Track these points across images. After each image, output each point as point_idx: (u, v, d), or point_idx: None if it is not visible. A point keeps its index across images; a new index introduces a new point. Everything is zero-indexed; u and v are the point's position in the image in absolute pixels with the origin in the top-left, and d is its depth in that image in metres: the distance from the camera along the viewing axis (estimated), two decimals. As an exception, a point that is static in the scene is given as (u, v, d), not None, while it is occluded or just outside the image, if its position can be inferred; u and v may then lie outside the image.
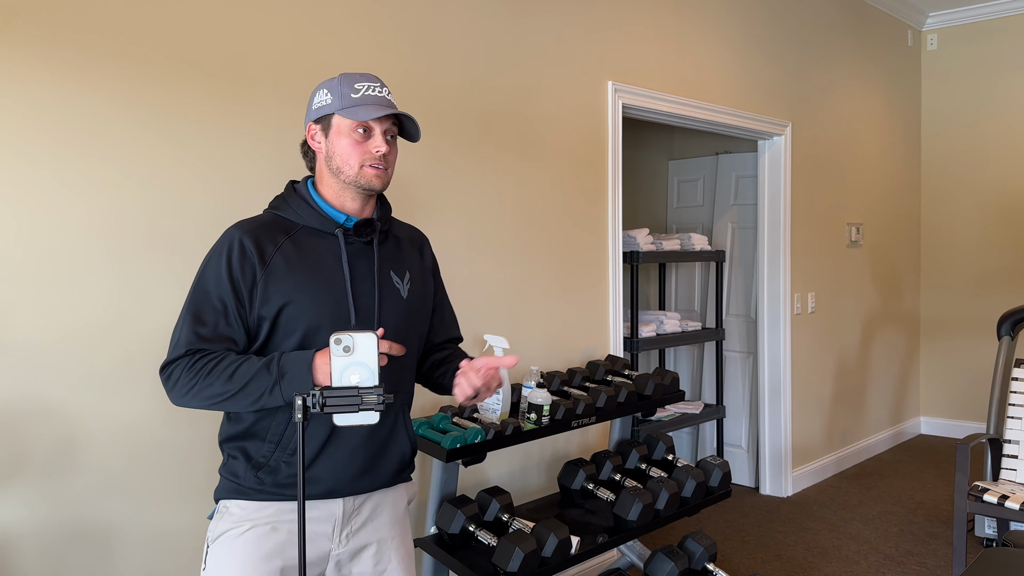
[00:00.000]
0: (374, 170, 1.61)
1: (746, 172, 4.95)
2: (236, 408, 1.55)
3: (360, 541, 1.69)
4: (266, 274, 1.57)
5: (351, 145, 1.60)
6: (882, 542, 3.96)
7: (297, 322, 1.58)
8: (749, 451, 4.90)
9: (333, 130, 1.62)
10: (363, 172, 1.61)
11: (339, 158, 1.61)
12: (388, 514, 1.74)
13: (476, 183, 2.98)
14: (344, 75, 1.65)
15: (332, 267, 1.62)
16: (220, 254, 1.58)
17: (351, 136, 1.60)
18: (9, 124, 1.92)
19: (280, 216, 1.66)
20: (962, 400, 6.07)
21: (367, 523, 1.70)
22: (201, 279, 1.59)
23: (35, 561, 1.96)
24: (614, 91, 3.52)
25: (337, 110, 1.60)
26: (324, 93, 1.63)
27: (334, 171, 1.63)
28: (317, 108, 1.64)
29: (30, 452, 1.96)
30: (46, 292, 1.98)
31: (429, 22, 2.81)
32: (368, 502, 1.70)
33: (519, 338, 3.15)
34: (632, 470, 3.07)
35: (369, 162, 1.60)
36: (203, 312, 1.56)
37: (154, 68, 2.15)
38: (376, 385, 1.35)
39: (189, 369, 1.53)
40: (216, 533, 1.63)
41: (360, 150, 1.60)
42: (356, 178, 1.61)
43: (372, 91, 1.62)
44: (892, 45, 5.79)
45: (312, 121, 1.66)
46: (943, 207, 6.12)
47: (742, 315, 4.96)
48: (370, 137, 1.61)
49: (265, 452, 1.61)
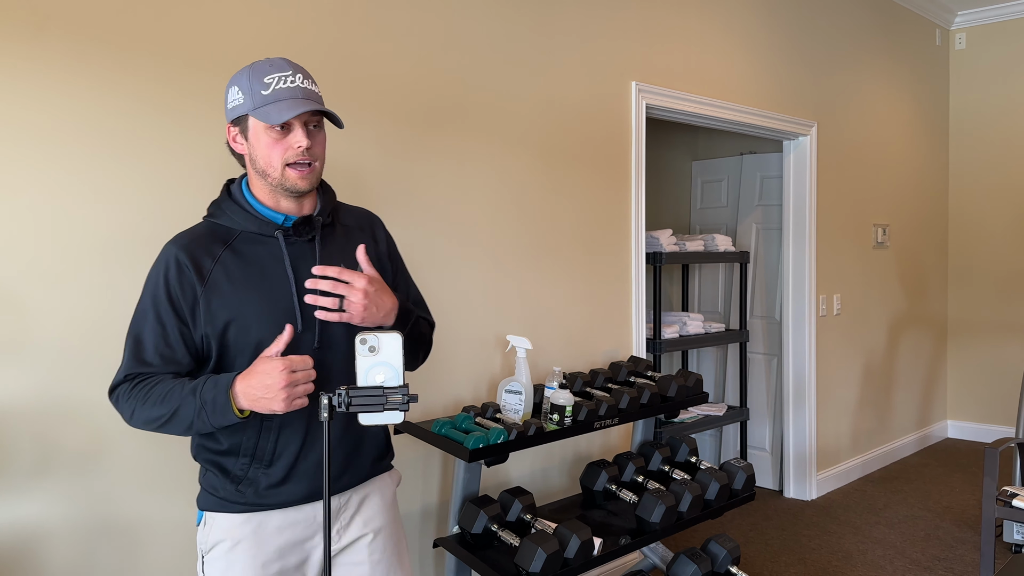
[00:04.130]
0: (298, 171, 1.51)
1: (771, 172, 4.91)
2: (176, 433, 1.50)
3: (352, 535, 1.68)
4: (206, 291, 1.51)
5: (270, 145, 1.50)
6: (908, 547, 3.92)
7: (246, 338, 1.52)
8: (773, 454, 4.86)
9: (251, 131, 1.52)
10: (286, 174, 1.51)
11: (262, 160, 1.52)
12: (376, 504, 1.72)
13: (499, 183, 2.98)
14: (253, 66, 1.52)
15: (276, 274, 1.55)
16: (158, 274, 1.52)
17: (268, 136, 1.50)
18: (38, 125, 1.95)
19: (217, 224, 1.58)
20: (990, 403, 5.98)
21: (356, 517, 1.68)
22: (141, 300, 1.54)
23: (65, 557, 1.99)
24: (638, 91, 3.51)
25: (250, 110, 1.50)
26: (236, 91, 1.52)
27: (260, 173, 1.54)
28: (232, 108, 1.54)
29: (59, 450, 1.99)
30: (72, 291, 2.00)
31: (452, 25, 2.81)
32: (354, 497, 1.68)
33: (541, 338, 3.15)
34: (655, 472, 3.06)
35: (292, 159, 1.50)
36: (143, 335, 1.52)
37: (176, 72, 2.17)
38: (401, 385, 1.36)
39: (129, 393, 1.50)
40: (208, 544, 1.61)
41: (280, 148, 1.50)
42: (281, 181, 1.52)
43: (284, 83, 1.49)
44: (920, 44, 5.72)
45: (230, 123, 1.56)
46: (971, 208, 6.04)
47: (766, 317, 4.92)
48: (289, 132, 1.50)
49: (242, 465, 1.58)
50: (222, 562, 1.58)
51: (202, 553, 1.63)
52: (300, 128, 1.51)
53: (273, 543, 1.59)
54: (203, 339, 1.53)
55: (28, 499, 1.94)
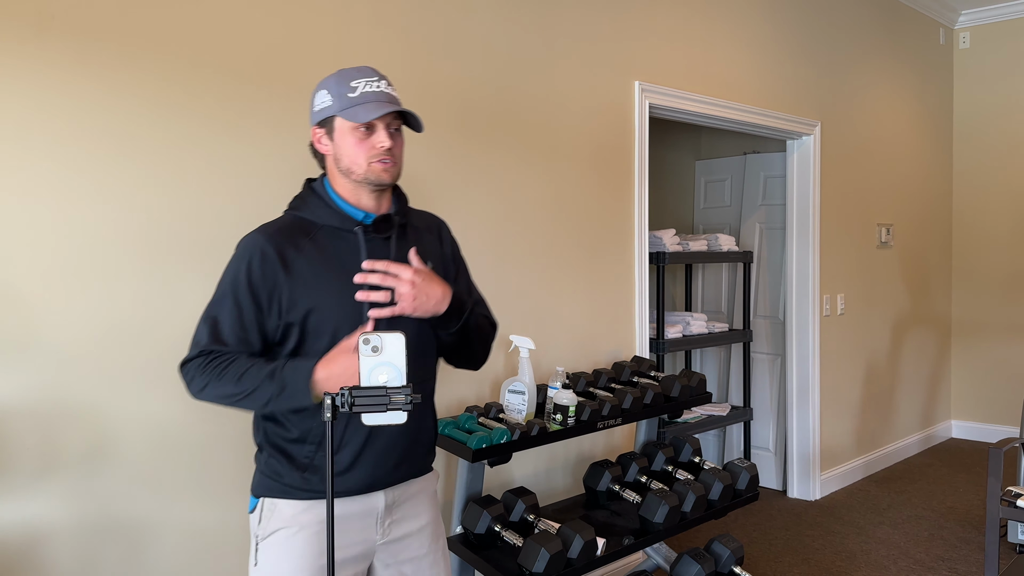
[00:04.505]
0: (382, 165, 1.62)
1: (774, 172, 4.90)
2: (249, 409, 1.58)
3: (402, 530, 1.73)
4: (290, 280, 1.59)
5: (355, 144, 1.61)
6: (912, 547, 3.91)
7: (324, 326, 1.60)
8: (776, 454, 4.86)
9: (337, 132, 1.63)
10: (371, 168, 1.62)
11: (347, 159, 1.62)
12: (424, 502, 1.78)
13: (502, 183, 2.98)
14: (340, 72, 1.64)
15: (354, 267, 1.63)
16: (242, 260, 1.61)
17: (354, 135, 1.61)
18: (43, 127, 1.95)
19: (300, 217, 1.68)
20: (994, 403, 5.97)
21: (407, 512, 1.73)
22: (222, 283, 1.62)
23: (69, 557, 1.99)
24: (641, 91, 3.50)
25: (337, 112, 1.61)
26: (324, 95, 1.63)
27: (344, 172, 1.64)
28: (319, 111, 1.65)
29: (63, 450, 1.99)
30: (79, 293, 2.01)
31: (456, 24, 2.81)
32: (406, 491, 1.74)
33: (545, 339, 3.15)
34: (658, 472, 3.06)
35: (376, 158, 1.61)
36: (221, 315, 1.60)
37: (183, 72, 2.17)
38: (404, 385, 1.35)
39: (202, 368, 1.57)
40: (267, 531, 1.65)
41: (365, 147, 1.61)
42: (366, 175, 1.62)
43: (370, 87, 1.61)
44: (923, 44, 5.71)
45: (315, 125, 1.66)
46: (975, 208, 6.02)
47: (770, 316, 4.92)
48: (373, 133, 1.61)
49: (307, 453, 1.64)
50: (282, 548, 1.63)
51: (257, 538, 1.67)
52: (383, 129, 1.61)
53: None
54: (278, 326, 1.62)
55: (33, 499, 1.94)
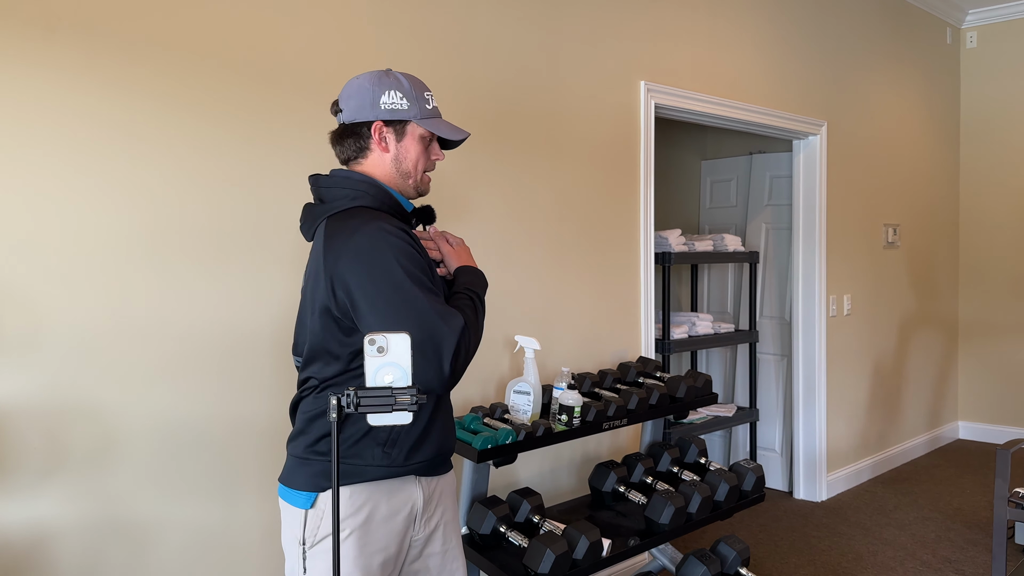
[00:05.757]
0: (428, 177, 1.77)
1: (780, 172, 4.89)
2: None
3: (432, 524, 1.76)
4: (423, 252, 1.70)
5: (420, 152, 1.72)
6: (919, 548, 3.89)
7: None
8: (783, 455, 4.84)
9: (408, 136, 1.70)
10: (424, 179, 1.75)
11: (410, 163, 1.71)
12: (449, 496, 1.82)
13: (507, 184, 2.98)
14: (410, 79, 1.70)
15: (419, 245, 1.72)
16: (403, 241, 1.58)
17: (420, 144, 1.71)
18: (50, 127, 1.95)
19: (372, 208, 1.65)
20: (1001, 404, 5.94)
21: (437, 507, 1.77)
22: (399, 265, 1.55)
23: (75, 556, 2.00)
24: (646, 91, 3.50)
25: (415, 118, 1.68)
26: (397, 96, 1.67)
27: (403, 173, 1.72)
28: (390, 109, 1.66)
29: (70, 448, 1.99)
30: (89, 290, 2.01)
31: (462, 23, 2.81)
32: (438, 486, 1.77)
33: (550, 339, 3.15)
34: (664, 473, 3.05)
35: (430, 169, 1.76)
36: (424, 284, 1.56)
37: (189, 71, 2.18)
38: (409, 385, 1.35)
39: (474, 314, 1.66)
40: (319, 535, 1.62)
41: (425, 156, 1.74)
42: (419, 183, 1.75)
43: (433, 102, 1.74)
44: (930, 43, 5.69)
45: (383, 121, 1.66)
46: (982, 208, 6.00)
47: (776, 317, 4.90)
48: (431, 144, 1.74)
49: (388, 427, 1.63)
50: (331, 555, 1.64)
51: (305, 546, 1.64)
52: (438, 144, 1.77)
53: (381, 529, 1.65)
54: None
55: (39, 498, 1.95)
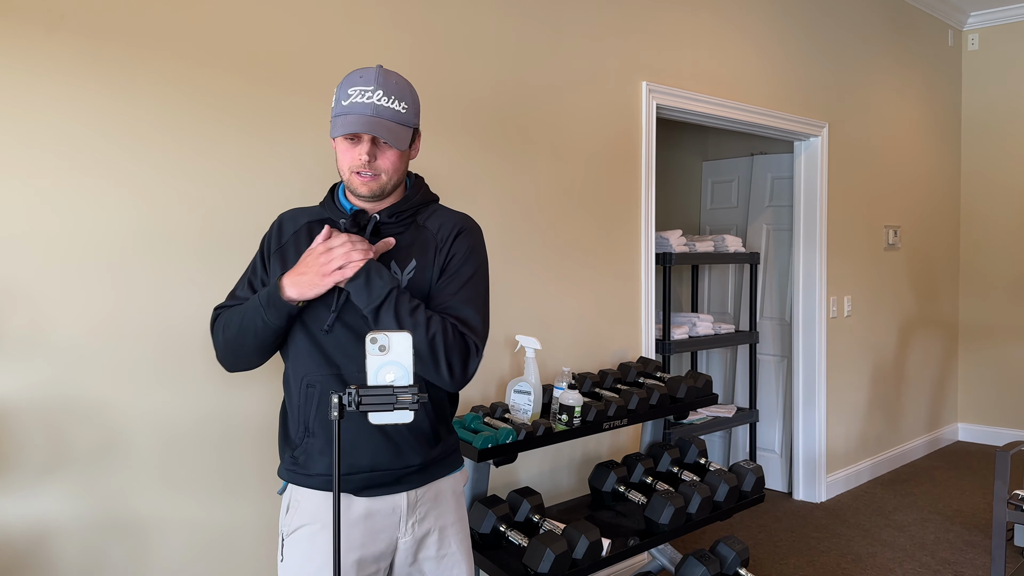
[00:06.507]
0: (359, 178, 1.62)
1: (781, 173, 4.89)
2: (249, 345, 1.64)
3: (424, 528, 1.73)
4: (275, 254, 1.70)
5: (343, 151, 1.63)
6: (918, 550, 3.90)
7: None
8: (782, 455, 4.85)
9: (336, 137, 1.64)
10: (351, 179, 1.63)
11: (339, 164, 1.65)
12: (448, 500, 1.78)
13: (508, 183, 2.98)
14: (349, 75, 1.63)
15: None
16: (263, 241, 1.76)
17: (343, 143, 1.62)
18: (52, 125, 1.96)
19: (317, 208, 1.76)
20: (1001, 406, 5.95)
21: (430, 511, 1.74)
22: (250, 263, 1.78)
23: (75, 554, 2.00)
24: (648, 91, 3.50)
25: (332, 117, 1.64)
26: (335, 98, 1.65)
27: (341, 175, 1.67)
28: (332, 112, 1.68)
29: (71, 446, 1.99)
30: (87, 290, 2.01)
31: (465, 23, 2.81)
32: (430, 491, 1.74)
33: (550, 339, 3.15)
34: (664, 473, 3.06)
35: (356, 168, 1.61)
36: (242, 277, 1.76)
37: (192, 71, 2.18)
38: (411, 384, 1.35)
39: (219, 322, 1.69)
40: (292, 527, 1.68)
41: (349, 157, 1.62)
42: (348, 183, 1.65)
43: (361, 97, 1.58)
44: (932, 45, 5.69)
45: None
46: (983, 210, 6.00)
47: (776, 318, 4.90)
48: (357, 144, 1.61)
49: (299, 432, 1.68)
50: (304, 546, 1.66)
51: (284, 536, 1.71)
52: (366, 141, 1.60)
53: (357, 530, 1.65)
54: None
55: (41, 496, 1.95)
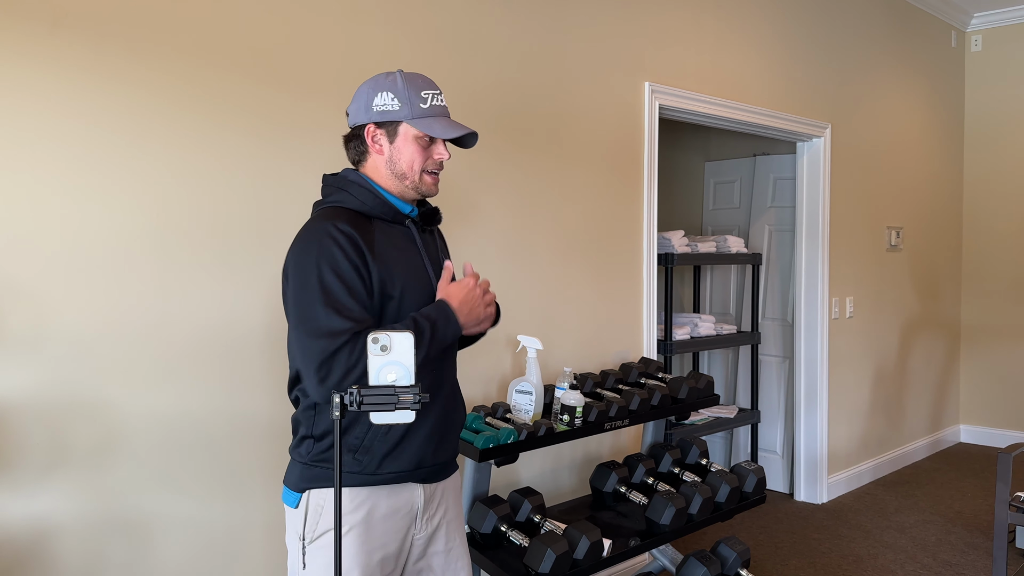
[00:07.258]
0: (432, 177, 1.70)
1: (784, 174, 4.89)
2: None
3: (435, 523, 1.76)
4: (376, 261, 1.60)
5: (417, 152, 1.66)
6: (919, 552, 3.89)
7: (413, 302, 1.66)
8: (784, 456, 4.84)
9: (400, 137, 1.66)
10: (424, 179, 1.69)
11: (404, 164, 1.67)
12: (452, 495, 1.82)
13: (511, 183, 2.98)
14: (407, 77, 1.65)
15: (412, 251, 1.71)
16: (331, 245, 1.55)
17: (417, 144, 1.66)
18: (55, 123, 1.96)
19: (345, 208, 1.65)
20: (1003, 408, 5.94)
21: (440, 506, 1.77)
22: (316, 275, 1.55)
23: (76, 552, 2.00)
24: (651, 92, 3.50)
25: (407, 119, 1.64)
26: (389, 97, 1.64)
27: (397, 175, 1.68)
28: (381, 111, 1.64)
29: (72, 445, 2.00)
30: (92, 288, 2.02)
31: (467, 25, 2.81)
32: (441, 485, 1.77)
33: (552, 339, 3.15)
34: (665, 474, 3.06)
35: (431, 168, 1.69)
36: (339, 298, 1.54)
37: (195, 69, 2.18)
38: (412, 384, 1.36)
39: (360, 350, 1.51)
40: (316, 533, 1.64)
41: (424, 156, 1.67)
42: (418, 185, 1.69)
43: (436, 100, 1.67)
44: (935, 46, 5.68)
45: (374, 124, 1.66)
46: (985, 211, 5.99)
47: (778, 319, 4.90)
48: (433, 145, 1.68)
49: (359, 433, 1.63)
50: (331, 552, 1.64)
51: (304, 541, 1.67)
52: (442, 142, 1.69)
53: (379, 528, 1.65)
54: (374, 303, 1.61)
55: (42, 494, 1.95)
